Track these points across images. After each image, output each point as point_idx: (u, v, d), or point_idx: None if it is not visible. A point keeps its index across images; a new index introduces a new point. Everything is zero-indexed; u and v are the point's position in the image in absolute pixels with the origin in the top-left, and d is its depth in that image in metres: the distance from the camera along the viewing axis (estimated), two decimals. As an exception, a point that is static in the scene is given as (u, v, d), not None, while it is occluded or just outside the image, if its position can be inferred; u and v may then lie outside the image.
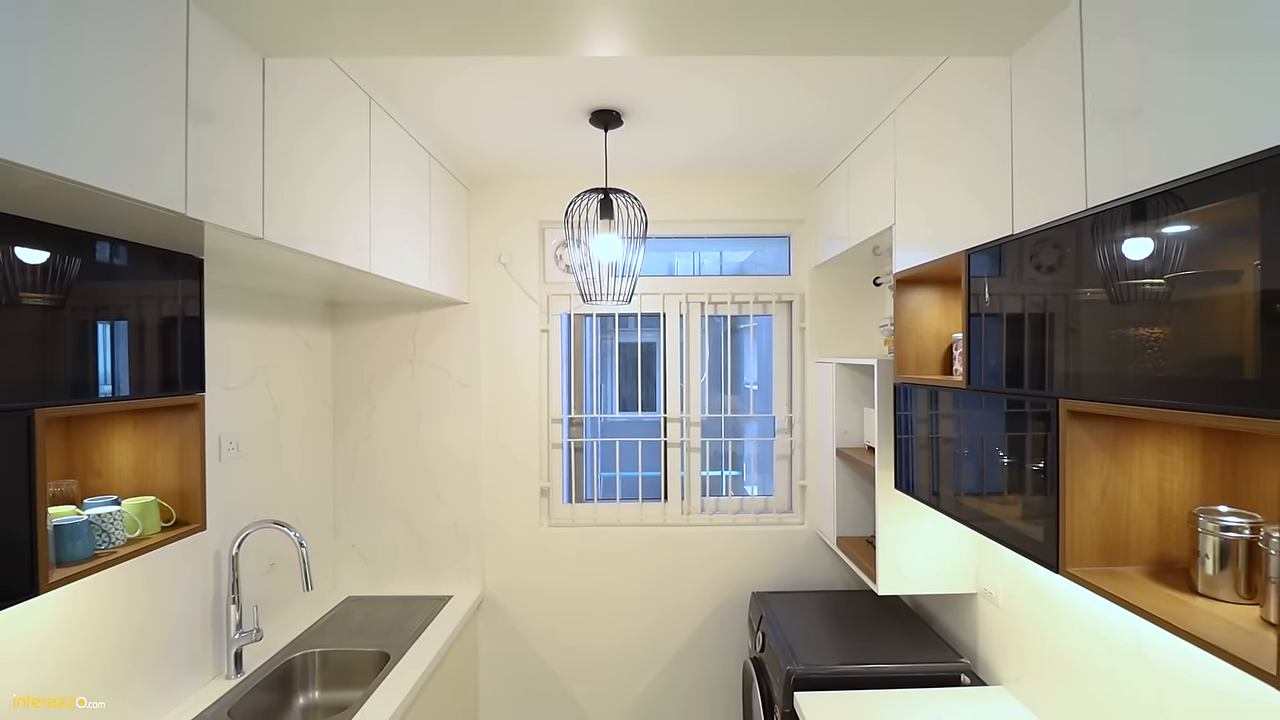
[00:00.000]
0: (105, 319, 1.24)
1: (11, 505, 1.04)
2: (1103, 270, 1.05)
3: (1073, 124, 1.12)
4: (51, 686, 1.39)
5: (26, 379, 1.08)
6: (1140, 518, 1.13)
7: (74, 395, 1.17)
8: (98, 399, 1.22)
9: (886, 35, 1.26)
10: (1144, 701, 1.33)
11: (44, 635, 1.38)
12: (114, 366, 1.26)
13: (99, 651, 1.53)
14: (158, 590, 1.72)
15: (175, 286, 1.42)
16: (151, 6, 1.03)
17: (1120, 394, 1.00)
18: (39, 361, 1.11)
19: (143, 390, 1.33)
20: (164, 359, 1.39)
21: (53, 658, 1.40)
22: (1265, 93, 0.78)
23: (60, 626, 1.42)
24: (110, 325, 1.26)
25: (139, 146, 1.01)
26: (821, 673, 1.94)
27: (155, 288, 1.38)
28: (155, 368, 1.36)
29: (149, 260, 1.35)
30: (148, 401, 1.35)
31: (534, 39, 1.25)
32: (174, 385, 1.42)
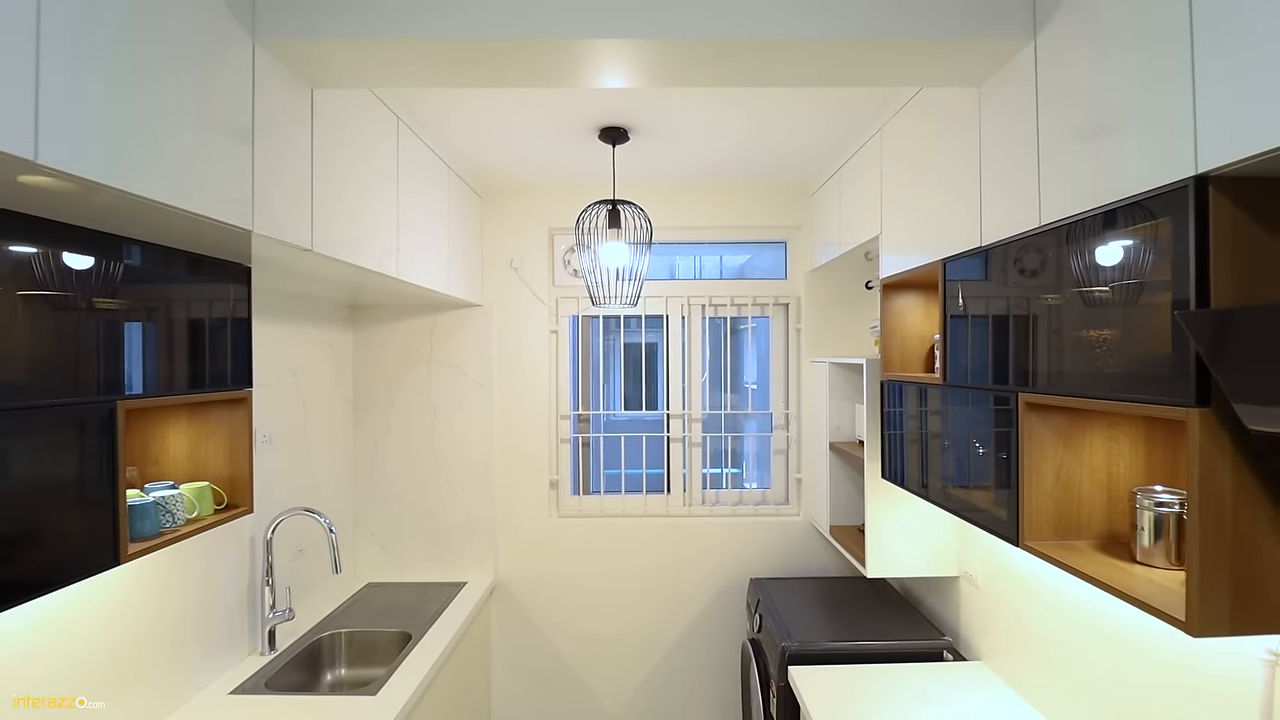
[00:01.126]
0: (169, 321, 1.39)
1: (99, 486, 1.19)
2: (1052, 279, 1.19)
3: (1029, 150, 1.27)
4: (127, 651, 1.55)
5: (108, 375, 1.23)
6: (1090, 498, 1.28)
7: (145, 390, 1.32)
8: (167, 393, 1.37)
9: (868, 72, 1.41)
10: (1101, 669, 1.47)
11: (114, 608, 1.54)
12: (176, 364, 1.41)
13: (160, 624, 1.68)
14: (203, 573, 1.87)
15: (227, 291, 1.57)
16: (224, 52, 1.18)
17: (1069, 388, 1.15)
18: (118, 360, 1.26)
19: (200, 385, 1.48)
20: (218, 357, 1.54)
21: (123, 627, 1.55)
22: (1174, 135, 0.92)
23: (126, 601, 1.57)
24: (173, 326, 1.41)
25: (214, 171, 1.16)
26: (815, 649, 2.08)
27: (211, 292, 1.53)
28: (211, 365, 1.52)
29: (206, 268, 1.50)
30: (204, 395, 1.50)
31: (548, 74, 1.40)
32: (225, 381, 1.57)
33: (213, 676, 1.92)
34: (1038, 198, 1.23)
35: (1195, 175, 0.89)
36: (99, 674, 1.49)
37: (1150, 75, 0.98)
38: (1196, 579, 0.90)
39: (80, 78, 0.89)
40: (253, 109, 1.24)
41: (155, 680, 1.68)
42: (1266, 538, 0.90)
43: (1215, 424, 0.88)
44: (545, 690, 2.91)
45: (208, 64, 1.14)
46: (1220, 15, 0.86)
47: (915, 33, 1.27)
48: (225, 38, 1.19)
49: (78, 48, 0.88)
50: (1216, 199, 0.88)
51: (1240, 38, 0.83)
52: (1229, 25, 0.85)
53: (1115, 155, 1.04)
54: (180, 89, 1.08)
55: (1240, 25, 0.83)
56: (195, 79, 1.11)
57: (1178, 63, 0.92)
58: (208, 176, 1.14)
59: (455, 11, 1.23)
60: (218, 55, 1.17)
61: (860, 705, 1.78)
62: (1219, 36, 0.86)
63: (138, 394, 1.30)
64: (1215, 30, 0.87)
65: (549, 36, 1.22)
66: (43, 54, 0.83)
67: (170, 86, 1.06)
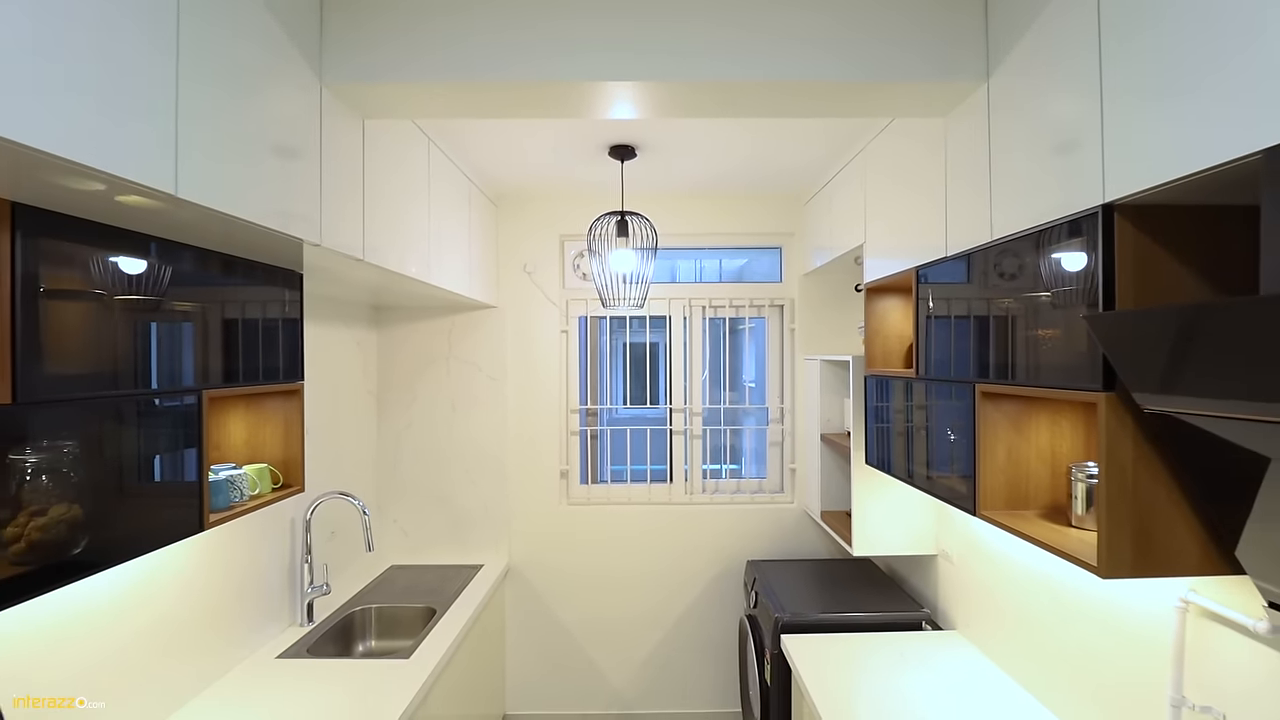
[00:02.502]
0: (238, 322, 1.60)
1: (189, 463, 1.40)
2: (1002, 286, 1.40)
3: (983, 173, 1.47)
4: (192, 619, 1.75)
5: (194, 369, 1.44)
6: (1036, 473, 1.48)
7: (222, 382, 1.52)
8: (238, 384, 1.58)
9: (850, 106, 1.62)
10: (1056, 631, 1.67)
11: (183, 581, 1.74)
12: (245, 359, 1.62)
13: (216, 597, 1.88)
14: (251, 551, 2.08)
15: (282, 295, 1.78)
16: (301, 94, 1.39)
17: (1015, 379, 1.36)
18: (202, 356, 1.46)
19: (263, 378, 1.68)
20: (275, 354, 1.75)
21: (188, 598, 1.76)
22: (1087, 171, 1.13)
23: (193, 575, 1.78)
24: (241, 326, 1.61)
25: (291, 193, 1.36)
26: (805, 620, 2.29)
27: (270, 295, 1.73)
28: (269, 360, 1.72)
29: (265, 275, 1.70)
30: (264, 387, 1.70)
31: (569, 109, 1.60)
32: (281, 375, 1.77)
33: (260, 643, 2.13)
34: (989, 215, 1.44)
35: (1103, 204, 1.09)
36: (170, 637, 1.70)
37: (1069, 120, 1.19)
38: (1105, 532, 1.11)
39: (203, 119, 1.09)
40: (320, 139, 1.45)
41: (212, 645, 1.88)
42: (1161, 498, 1.10)
43: (1119, 406, 1.09)
44: (555, 665, 3.12)
45: (289, 104, 1.35)
46: (1122, 75, 1.06)
47: (890, 76, 1.47)
48: (302, 82, 1.39)
49: (203, 96, 1.09)
50: (1120, 223, 1.09)
51: (1135, 91, 1.03)
52: (1127, 84, 1.05)
53: (1045, 183, 1.25)
54: (269, 126, 1.29)
55: (1134, 84, 1.03)
56: (281, 117, 1.32)
57: (1089, 112, 1.13)
58: (286, 198, 1.35)
59: (488, 60, 1.44)
60: (296, 96, 1.37)
61: (845, 669, 1.98)
62: (1120, 91, 1.06)
63: (216, 385, 1.50)
64: (1118, 86, 1.07)
65: (571, 80, 1.43)
66: (181, 107, 1.03)
67: (262, 123, 1.27)
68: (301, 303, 1.85)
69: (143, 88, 0.97)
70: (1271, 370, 0.78)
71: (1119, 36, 1.07)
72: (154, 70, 1.00)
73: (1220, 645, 1.22)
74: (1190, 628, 1.28)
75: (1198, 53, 0.91)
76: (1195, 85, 0.92)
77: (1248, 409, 0.85)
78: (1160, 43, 0.98)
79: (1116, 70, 1.08)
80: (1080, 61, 1.16)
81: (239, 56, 1.21)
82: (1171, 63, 0.96)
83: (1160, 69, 0.98)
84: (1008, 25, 1.39)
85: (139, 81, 0.97)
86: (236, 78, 1.19)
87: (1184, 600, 1.28)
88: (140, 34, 0.97)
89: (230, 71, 1.17)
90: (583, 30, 1.44)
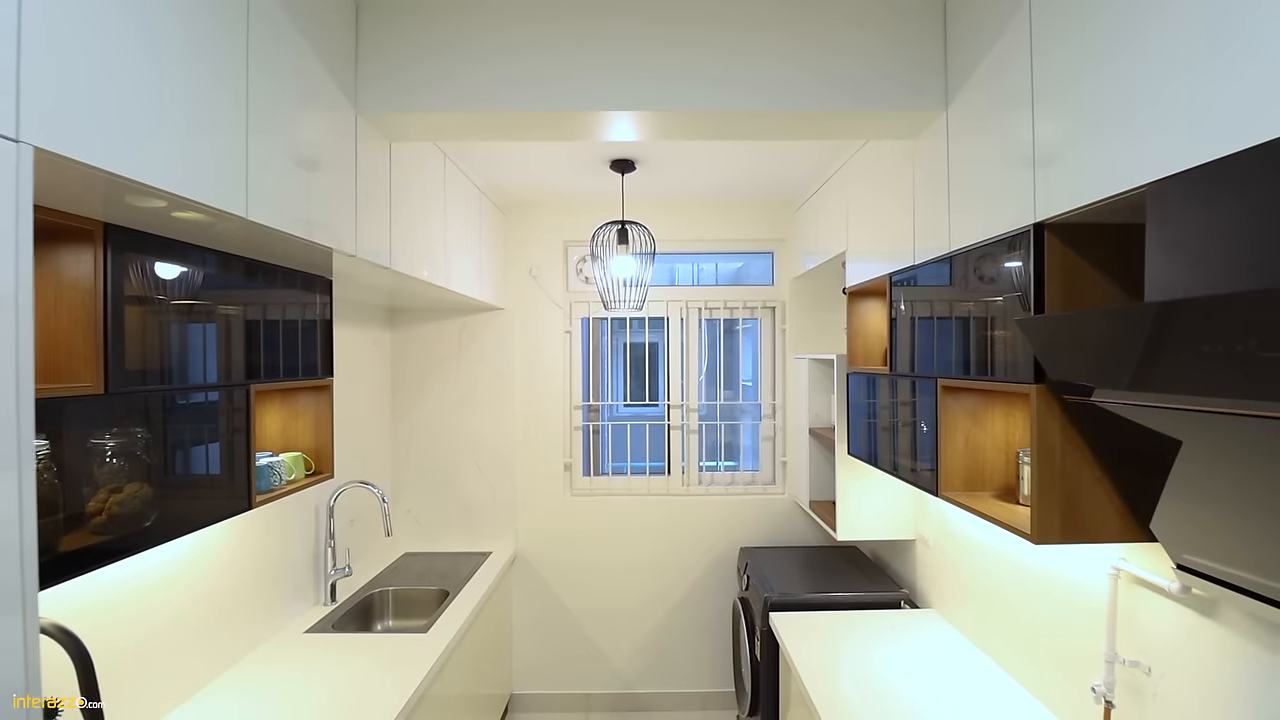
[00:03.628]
0: (278, 323, 1.78)
1: (240, 449, 1.58)
2: (959, 291, 1.58)
3: (943, 190, 1.65)
4: (233, 592, 1.94)
5: (243, 365, 1.62)
6: (992, 459, 1.66)
7: (265, 377, 1.71)
8: (278, 379, 1.76)
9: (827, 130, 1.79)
10: (1015, 604, 1.85)
11: (223, 561, 1.93)
12: (284, 357, 1.80)
13: (249, 576, 2.07)
14: (281, 536, 2.26)
15: (315, 299, 1.96)
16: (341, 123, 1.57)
17: (970, 374, 1.53)
18: (249, 353, 1.65)
19: (301, 374, 1.87)
20: (310, 352, 1.93)
21: (227, 576, 1.94)
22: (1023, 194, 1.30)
23: (232, 555, 1.96)
24: (280, 327, 1.79)
25: (333, 210, 1.55)
26: (793, 599, 2.47)
27: (305, 299, 1.91)
28: (306, 358, 1.90)
29: (303, 281, 1.89)
30: (300, 382, 1.88)
31: (576, 134, 1.79)
32: (315, 371, 1.95)
33: (289, 619, 2.31)
34: (949, 228, 1.62)
35: (1034, 223, 1.27)
36: (212, 611, 1.88)
37: (1008, 148, 1.36)
38: (1036, 505, 1.28)
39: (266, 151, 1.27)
40: (355, 161, 1.63)
41: (247, 620, 2.06)
42: (1085, 476, 1.28)
43: (1048, 396, 1.27)
44: (559, 646, 3.30)
45: (330, 133, 1.53)
46: (1049, 115, 1.24)
47: (864, 105, 1.66)
48: (340, 112, 1.58)
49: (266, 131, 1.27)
50: (1050, 239, 1.27)
51: (1059, 128, 1.21)
52: (1053, 123, 1.23)
53: (992, 202, 1.43)
54: (315, 152, 1.47)
55: (1059, 123, 1.21)
56: (323, 144, 1.50)
57: (1023, 143, 1.31)
58: (327, 214, 1.53)
59: (503, 93, 1.62)
60: (336, 125, 1.56)
61: (829, 643, 2.16)
62: (1048, 127, 1.24)
63: (261, 381, 1.68)
64: (1046, 123, 1.25)
65: (578, 111, 1.61)
66: (250, 142, 1.21)
67: (310, 151, 1.45)
68: (331, 306, 2.03)
69: (223, 128, 1.16)
70: (1166, 364, 0.95)
71: (1047, 86, 1.25)
72: (233, 113, 1.18)
73: (1145, 606, 1.40)
74: (1121, 592, 1.46)
75: (1104, 105, 1.09)
76: (1101, 130, 1.10)
77: (1153, 398, 1.03)
78: (1078, 91, 1.16)
79: (1045, 111, 1.26)
80: (1016, 100, 1.34)
81: (291, 94, 1.39)
82: (1086, 110, 1.14)
83: (1078, 113, 1.16)
84: (962, 64, 1.57)
85: (220, 124, 1.15)
86: (290, 114, 1.37)
87: (1115, 568, 1.45)
88: (222, 84, 1.15)
89: (285, 108, 1.36)
90: (588, 66, 1.62)
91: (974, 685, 1.85)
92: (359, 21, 1.63)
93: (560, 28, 1.62)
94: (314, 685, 1.87)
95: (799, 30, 1.64)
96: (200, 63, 1.12)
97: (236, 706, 1.75)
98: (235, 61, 1.20)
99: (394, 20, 1.64)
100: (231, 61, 1.19)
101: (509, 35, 1.62)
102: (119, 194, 1.05)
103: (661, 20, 1.63)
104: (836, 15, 1.64)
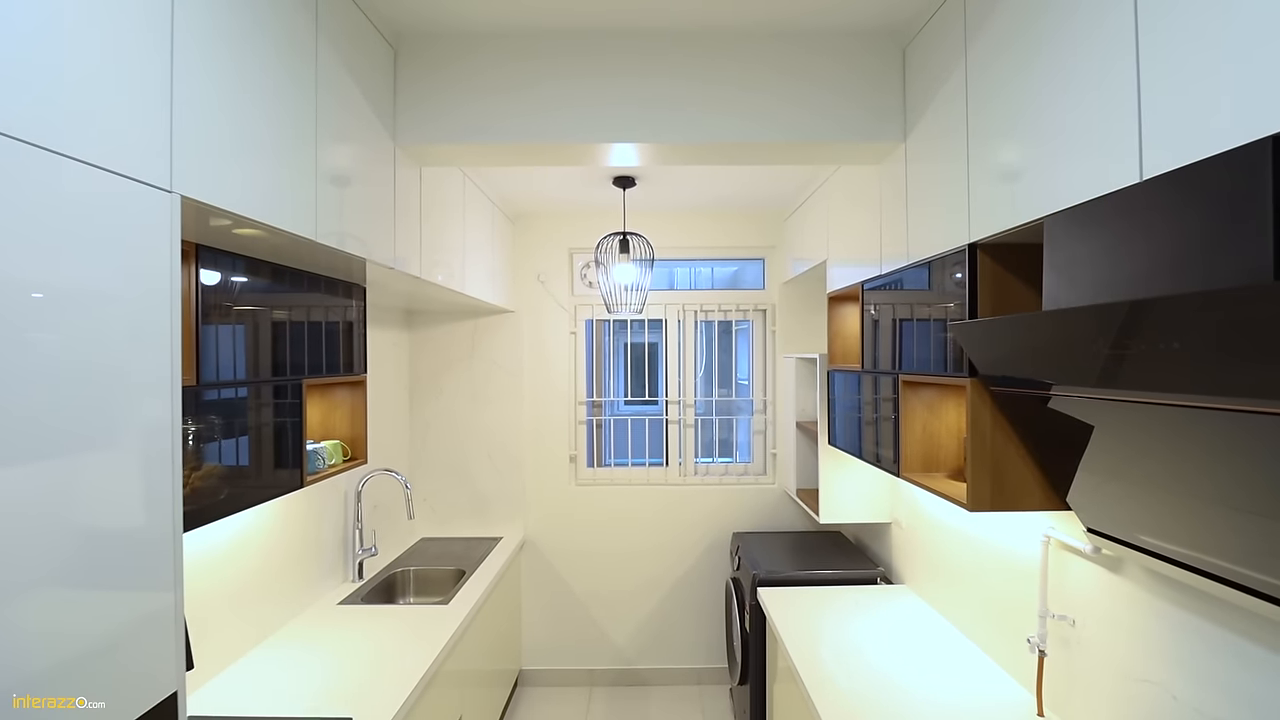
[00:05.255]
0: (322, 325, 2.03)
1: (295, 435, 1.83)
2: (917, 298, 1.83)
3: (902, 210, 1.90)
4: (276, 566, 2.19)
5: (296, 362, 1.87)
6: (946, 444, 1.91)
7: (312, 373, 1.96)
8: (321, 375, 2.01)
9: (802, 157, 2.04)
10: (973, 577, 2.10)
11: (269, 540, 2.18)
12: (327, 355, 2.05)
13: (289, 554, 2.32)
14: (316, 518, 2.51)
15: (352, 304, 2.21)
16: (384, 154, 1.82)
17: (924, 370, 1.78)
18: (300, 352, 1.89)
19: (341, 371, 2.12)
20: (348, 351, 2.18)
21: (269, 554, 2.19)
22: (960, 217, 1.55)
23: (277, 535, 2.22)
24: (324, 329, 2.04)
25: (378, 229, 1.80)
26: (779, 576, 2.72)
27: (344, 304, 2.16)
28: (347, 357, 2.15)
29: (343, 289, 2.13)
30: (339, 378, 2.13)
31: (582, 160, 2.04)
32: (352, 368, 2.21)
33: (322, 593, 2.56)
34: (907, 244, 1.87)
35: (969, 243, 1.52)
36: (260, 582, 2.13)
37: (947, 178, 1.61)
38: (971, 479, 1.53)
39: (330, 181, 1.52)
40: (394, 186, 1.88)
41: (288, 591, 2.31)
42: (1012, 454, 1.53)
43: (980, 387, 1.52)
44: (565, 624, 3.55)
45: (373, 164, 1.78)
46: (978, 153, 1.49)
47: (834, 137, 1.91)
48: (382, 146, 1.83)
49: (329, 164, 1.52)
50: (981, 256, 1.51)
51: (985, 165, 1.46)
52: (982, 159, 1.48)
53: (938, 223, 1.68)
54: (362, 180, 1.72)
55: (985, 161, 1.46)
56: (368, 174, 1.75)
57: (959, 174, 1.56)
58: (371, 233, 1.78)
59: (520, 128, 1.87)
60: (378, 156, 1.81)
61: (810, 614, 2.41)
62: (978, 162, 1.49)
63: (310, 376, 1.93)
64: (976, 159, 1.50)
65: (584, 144, 1.86)
66: (318, 177, 1.46)
67: (359, 179, 1.70)
68: (365, 310, 2.28)
69: (301, 168, 1.41)
70: (1065, 360, 1.18)
71: (977, 131, 1.50)
72: (307, 155, 1.43)
73: (1070, 568, 1.65)
74: (1051, 557, 1.71)
75: (1013, 153, 1.34)
76: (1010, 171, 1.35)
77: (1062, 389, 1.27)
78: (995, 141, 1.41)
79: (975, 151, 1.50)
80: (955, 141, 1.59)
81: (348, 135, 1.65)
82: (1000, 156, 1.39)
83: (995, 157, 1.41)
84: (916, 105, 1.83)
85: (299, 165, 1.40)
86: (347, 151, 1.62)
87: (1046, 535, 1.70)
88: (300, 133, 1.40)
89: (344, 147, 1.61)
90: (594, 105, 1.87)
91: (937, 648, 2.09)
92: (397, 68, 1.89)
93: (568, 74, 1.88)
94: (357, 643, 2.12)
95: (781, 77, 1.89)
96: (287, 118, 1.37)
97: (295, 656, 2.01)
98: (308, 113, 1.45)
99: (424, 67, 1.89)
100: (305, 114, 1.44)
101: (523, 80, 1.88)
102: (206, 219, 1.29)
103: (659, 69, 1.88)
104: (813, 65, 1.90)
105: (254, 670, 1.94)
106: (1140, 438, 1.22)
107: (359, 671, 1.94)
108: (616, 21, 1.83)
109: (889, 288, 2.05)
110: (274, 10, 1.33)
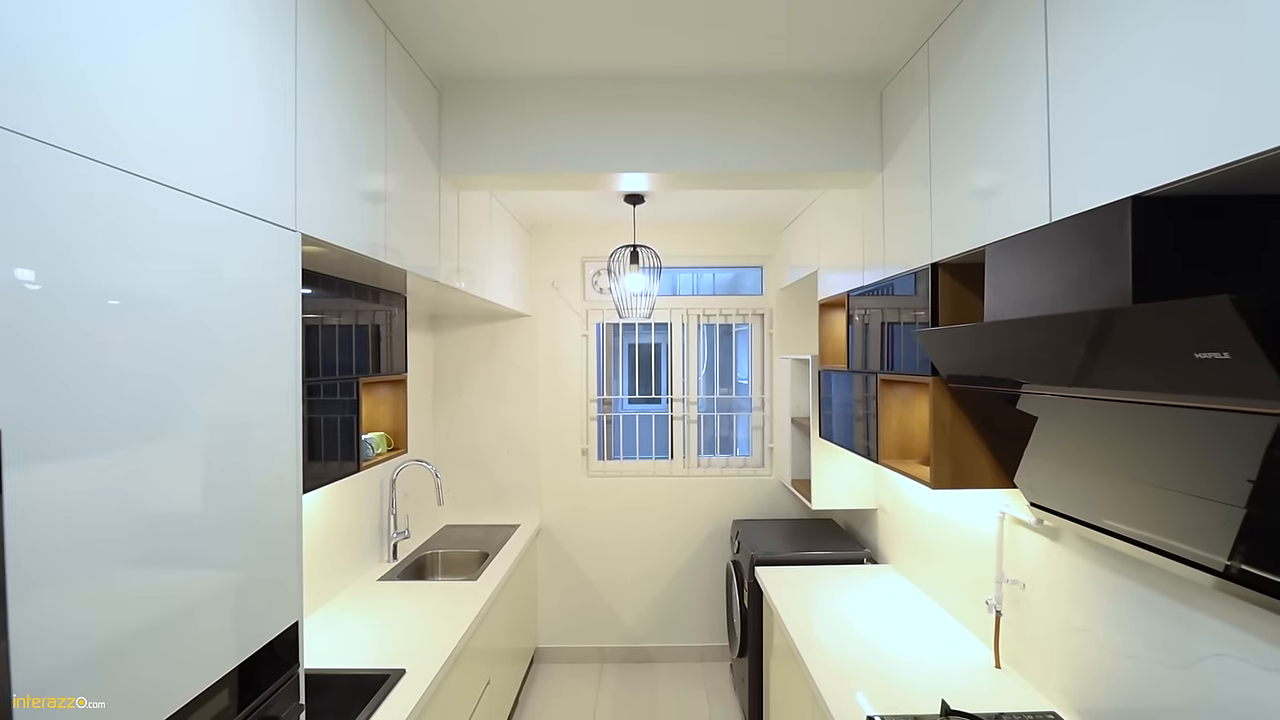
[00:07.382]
0: (371, 330, 2.31)
1: (354, 426, 2.11)
2: (894, 306, 2.11)
3: (880, 229, 2.18)
4: (325, 546, 2.47)
5: (353, 363, 2.15)
6: (918, 435, 2.19)
7: (363, 372, 2.24)
8: (368, 374, 2.29)
9: (794, 183, 2.32)
10: (947, 555, 2.38)
11: (325, 522, 2.46)
12: (376, 356, 2.33)
13: (334, 536, 2.60)
14: (356, 504, 2.79)
15: (395, 311, 2.49)
16: (433, 184, 2.10)
17: (899, 370, 2.06)
18: (356, 354, 2.18)
19: (384, 370, 2.40)
20: (391, 353, 2.46)
21: (323, 533, 2.47)
22: (923, 239, 1.83)
23: (325, 519, 2.50)
24: (371, 333, 2.32)
25: (427, 248, 2.08)
26: (775, 557, 3.00)
27: (388, 311, 2.45)
28: (391, 358, 2.44)
29: (386, 298, 2.42)
30: (384, 376, 2.41)
31: (598, 185, 2.32)
32: (394, 368, 2.49)
33: (361, 572, 2.84)
34: (884, 258, 2.15)
35: (932, 262, 1.80)
36: (315, 558, 2.42)
37: (914, 206, 1.90)
38: (933, 461, 1.81)
39: (397, 216, 1.80)
40: (439, 211, 2.17)
41: (335, 568, 2.59)
42: (968, 440, 1.81)
43: (941, 384, 1.80)
44: (577, 606, 3.84)
45: (424, 192, 2.07)
46: (938, 186, 1.77)
47: (819, 167, 2.19)
48: (430, 174, 2.12)
49: (398, 202, 1.80)
50: (942, 274, 1.79)
51: (944, 194, 1.74)
52: (942, 190, 1.76)
53: (909, 243, 1.96)
54: (416, 209, 2.00)
55: (943, 191, 1.74)
56: (420, 201, 2.04)
57: (923, 201, 1.84)
58: (425, 253, 2.06)
59: (545, 160, 2.16)
60: (428, 185, 2.09)
61: (803, 591, 2.68)
62: (940, 191, 1.77)
63: (363, 375, 2.22)
64: (939, 189, 1.78)
65: (600, 173, 2.15)
66: (389, 215, 1.75)
67: (414, 209, 1.98)
68: (406, 316, 2.56)
69: (375, 201, 1.69)
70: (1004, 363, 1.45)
71: (937, 166, 1.78)
72: (378, 189, 1.71)
73: (1021, 539, 1.93)
74: (1006, 530, 1.99)
75: (962, 189, 1.62)
76: (959, 204, 1.63)
77: (1009, 386, 1.54)
78: (951, 174, 1.69)
79: (937, 183, 1.79)
80: (920, 173, 1.87)
81: (403, 165, 1.93)
82: (951, 190, 1.67)
83: (951, 190, 1.69)
84: (891, 139, 2.11)
85: (374, 198, 1.69)
86: (402, 178, 1.91)
87: (1002, 512, 1.98)
88: (375, 172, 1.69)
89: (399, 174, 1.89)
90: (608, 140, 2.15)
91: (914, 617, 2.37)
92: (441, 106, 2.17)
93: (590, 110, 2.16)
94: (401, 612, 2.40)
95: (775, 114, 2.17)
96: (360, 155, 1.65)
97: (348, 620, 2.29)
98: (378, 151, 1.74)
99: (464, 105, 2.18)
100: (376, 151, 1.73)
101: (550, 116, 2.16)
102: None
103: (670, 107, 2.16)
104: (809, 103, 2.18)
105: (314, 633, 2.22)
106: (1076, 426, 1.49)
107: (406, 634, 2.22)
108: (633, 68, 2.11)
109: (872, 294, 2.33)
110: (363, 68, 1.62)
